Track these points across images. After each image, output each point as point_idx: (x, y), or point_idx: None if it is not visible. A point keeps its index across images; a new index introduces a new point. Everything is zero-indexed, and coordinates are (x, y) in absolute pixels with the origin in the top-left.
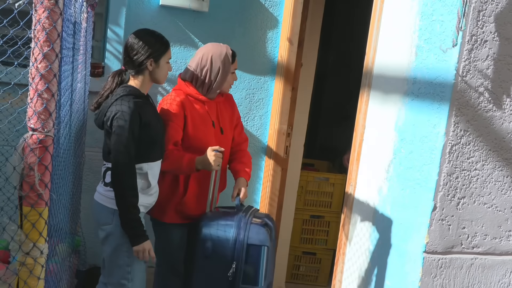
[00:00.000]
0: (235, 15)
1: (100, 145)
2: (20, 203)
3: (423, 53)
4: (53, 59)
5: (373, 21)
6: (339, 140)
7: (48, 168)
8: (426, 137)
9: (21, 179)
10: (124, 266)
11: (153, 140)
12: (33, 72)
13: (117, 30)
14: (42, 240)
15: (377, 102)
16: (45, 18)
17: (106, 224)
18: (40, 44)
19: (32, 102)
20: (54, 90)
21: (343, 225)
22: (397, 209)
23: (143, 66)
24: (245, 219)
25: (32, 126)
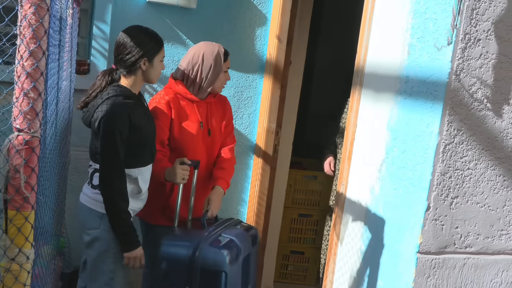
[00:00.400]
0: (223, 12)
1: (86, 144)
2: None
3: (416, 52)
4: (40, 56)
5: (364, 20)
6: (327, 138)
7: (35, 170)
8: (419, 136)
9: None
10: (108, 272)
11: (143, 143)
12: (19, 70)
13: (103, 27)
14: (28, 245)
15: (369, 100)
16: (31, 14)
17: (93, 229)
18: (26, 41)
19: (18, 101)
20: (41, 89)
21: (334, 225)
22: (389, 209)
23: (136, 66)
24: (205, 238)
25: (18, 126)
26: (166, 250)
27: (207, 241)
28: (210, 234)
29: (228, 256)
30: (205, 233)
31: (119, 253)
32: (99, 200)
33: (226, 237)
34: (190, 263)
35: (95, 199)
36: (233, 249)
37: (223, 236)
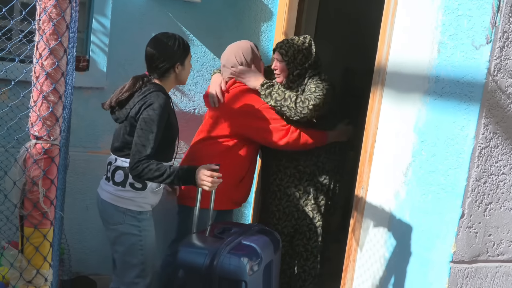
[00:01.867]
0: (229, 6)
1: (84, 144)
2: (21, 224)
3: (447, 50)
4: (61, 55)
5: (386, 15)
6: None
7: (54, 182)
8: (452, 140)
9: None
10: (138, 265)
11: (172, 141)
12: (38, 70)
13: (103, 20)
14: (46, 265)
15: (392, 101)
16: (52, 6)
17: (118, 224)
18: (46, 37)
19: (36, 105)
20: (62, 91)
21: (352, 230)
22: (417, 215)
23: (170, 71)
24: (225, 245)
25: (36, 133)
26: (183, 257)
27: (226, 248)
28: (229, 241)
29: (248, 264)
30: (224, 240)
31: (146, 245)
32: (122, 196)
33: (246, 244)
34: (208, 272)
35: (118, 195)
36: (253, 256)
37: (243, 243)
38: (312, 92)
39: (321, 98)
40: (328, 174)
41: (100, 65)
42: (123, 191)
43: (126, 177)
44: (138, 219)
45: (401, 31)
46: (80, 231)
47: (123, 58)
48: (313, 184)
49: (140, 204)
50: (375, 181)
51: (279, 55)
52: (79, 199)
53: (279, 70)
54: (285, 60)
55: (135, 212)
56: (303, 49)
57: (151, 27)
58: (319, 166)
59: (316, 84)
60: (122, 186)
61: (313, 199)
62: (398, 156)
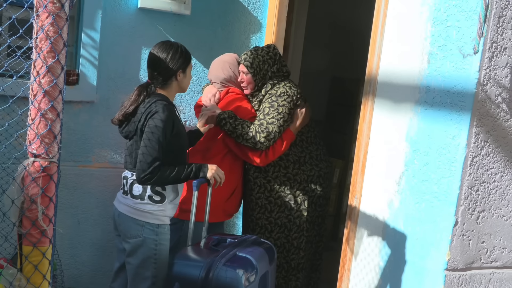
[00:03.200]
0: (218, 18)
1: (75, 158)
2: (20, 243)
3: (437, 61)
4: (59, 72)
5: (376, 26)
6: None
7: (53, 200)
8: (444, 149)
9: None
10: (150, 278)
11: (182, 148)
12: (35, 88)
13: (92, 34)
14: (45, 284)
15: (384, 110)
16: (49, 24)
17: (135, 237)
18: (43, 55)
19: (34, 123)
20: (60, 108)
21: (347, 240)
22: (411, 223)
23: (172, 78)
24: (220, 257)
25: (34, 151)
26: (179, 270)
27: (221, 260)
28: (225, 253)
29: (244, 276)
30: (219, 252)
31: (161, 258)
32: (140, 209)
33: (241, 255)
34: (204, 284)
35: (137, 208)
36: (249, 268)
37: (238, 254)
38: (265, 115)
39: (274, 122)
40: (301, 185)
41: (90, 79)
42: (142, 204)
43: (145, 191)
44: (156, 232)
45: (390, 42)
46: (72, 246)
47: (113, 71)
48: (284, 196)
49: (159, 217)
50: (368, 190)
51: (244, 67)
52: (70, 214)
53: (245, 82)
54: (251, 72)
55: (153, 225)
56: (268, 59)
57: (141, 40)
58: (289, 177)
59: (271, 102)
60: (141, 199)
61: (286, 210)
62: (390, 166)
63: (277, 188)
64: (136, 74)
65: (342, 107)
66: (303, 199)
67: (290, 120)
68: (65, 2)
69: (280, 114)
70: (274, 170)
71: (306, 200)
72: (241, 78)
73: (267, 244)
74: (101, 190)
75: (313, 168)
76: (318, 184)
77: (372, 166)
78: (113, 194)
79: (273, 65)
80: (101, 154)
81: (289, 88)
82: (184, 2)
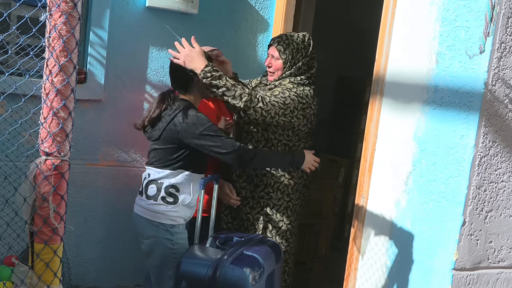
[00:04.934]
0: (225, 17)
1: (82, 156)
2: (31, 240)
3: (446, 61)
4: (71, 71)
5: (384, 26)
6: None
7: (64, 198)
8: (452, 149)
9: (32, 212)
10: (173, 276)
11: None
12: (48, 86)
13: (100, 33)
14: (56, 281)
15: (391, 110)
16: (62, 23)
17: (151, 238)
18: (56, 54)
19: (46, 122)
20: (71, 107)
21: (353, 239)
22: (418, 223)
23: (192, 83)
24: (227, 256)
25: (46, 150)
26: (186, 269)
27: (229, 259)
28: (232, 251)
29: (251, 274)
30: (226, 251)
31: (180, 256)
32: (154, 210)
33: (248, 254)
34: (211, 283)
35: (150, 209)
36: (256, 267)
37: (245, 253)
38: (272, 94)
39: (275, 105)
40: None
41: (98, 78)
42: (155, 205)
43: (159, 191)
44: (171, 232)
45: (398, 42)
46: (79, 244)
47: (120, 70)
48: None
49: (173, 218)
50: (375, 190)
51: (275, 51)
52: (77, 212)
53: (274, 67)
54: (282, 58)
55: (167, 226)
56: (302, 48)
57: (148, 38)
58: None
59: (284, 90)
60: (154, 200)
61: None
62: (398, 165)
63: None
64: (144, 73)
65: (348, 106)
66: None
67: (289, 119)
68: (77, 2)
69: (284, 105)
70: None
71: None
72: (269, 62)
73: (274, 243)
74: (108, 188)
75: (284, 174)
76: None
77: (379, 165)
78: (120, 193)
79: (305, 56)
80: (108, 153)
81: (307, 95)
82: (192, 1)
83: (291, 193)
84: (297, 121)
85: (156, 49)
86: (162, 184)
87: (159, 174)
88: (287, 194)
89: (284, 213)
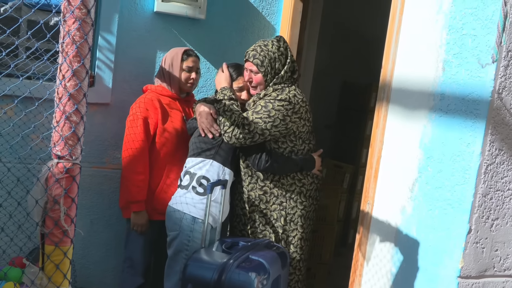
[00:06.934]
0: (232, 23)
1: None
2: (42, 242)
3: (452, 68)
4: (83, 76)
5: (391, 33)
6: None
7: (75, 200)
8: (458, 156)
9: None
10: (179, 272)
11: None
12: (61, 91)
13: (109, 37)
14: (66, 283)
15: (397, 117)
16: (75, 29)
17: (174, 230)
18: (69, 60)
19: (58, 125)
20: (84, 111)
21: (359, 245)
22: (424, 230)
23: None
24: (233, 260)
25: (58, 153)
26: (192, 272)
27: (234, 263)
28: (237, 255)
29: (257, 279)
30: (232, 255)
31: (191, 254)
32: (182, 200)
33: (254, 259)
34: (216, 287)
35: (179, 199)
36: (261, 271)
37: (251, 258)
38: (254, 112)
39: (259, 123)
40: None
41: (106, 81)
42: (184, 194)
43: (191, 181)
44: (191, 228)
45: (405, 49)
46: (84, 246)
47: (128, 74)
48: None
49: (198, 210)
50: (381, 196)
51: (253, 65)
52: (83, 214)
53: (255, 82)
54: (261, 71)
55: (190, 220)
56: (279, 55)
57: (156, 43)
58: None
59: (266, 102)
60: (186, 189)
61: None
62: (404, 172)
63: (253, 200)
64: (151, 77)
65: (353, 112)
66: (279, 216)
67: (283, 127)
68: (91, 8)
69: (270, 118)
70: (250, 181)
71: (283, 217)
72: (249, 77)
73: (280, 248)
74: (114, 191)
75: (294, 183)
76: (299, 201)
77: (385, 172)
78: None
79: (285, 63)
80: (115, 156)
81: (293, 96)
82: (199, 7)
83: (304, 201)
84: (294, 125)
85: (163, 54)
86: (195, 175)
87: (193, 163)
88: (300, 202)
89: (298, 222)
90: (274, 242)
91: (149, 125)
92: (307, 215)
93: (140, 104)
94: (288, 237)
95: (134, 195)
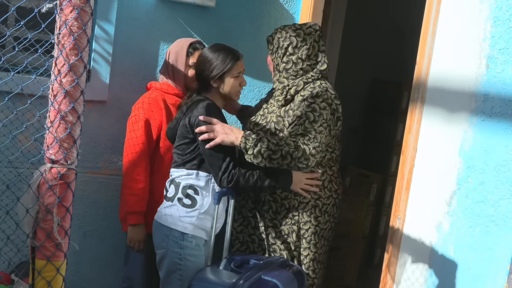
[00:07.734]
0: (245, 11)
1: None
2: (33, 256)
3: (497, 66)
4: (81, 71)
5: (427, 25)
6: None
7: (69, 210)
8: (504, 166)
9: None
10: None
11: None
12: (56, 88)
13: (106, 27)
14: None
15: (433, 120)
16: (73, 19)
17: (161, 248)
18: (66, 53)
19: (52, 126)
20: (81, 110)
21: (387, 266)
22: (463, 250)
23: (209, 86)
24: (243, 281)
25: (52, 157)
26: None
27: (245, 284)
28: (248, 276)
29: None
30: (243, 275)
31: (186, 277)
32: (167, 213)
33: (267, 279)
34: None
35: (165, 212)
36: None
37: (263, 278)
38: (312, 122)
39: (323, 131)
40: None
41: (102, 76)
42: (170, 207)
43: (176, 192)
44: (180, 245)
45: (443, 43)
46: (77, 261)
47: (127, 68)
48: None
49: (185, 224)
50: (413, 211)
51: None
52: (76, 226)
53: (268, 62)
54: (269, 49)
55: (177, 237)
56: (295, 36)
57: (159, 34)
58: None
59: (311, 105)
60: (171, 201)
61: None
62: (440, 183)
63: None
64: (153, 72)
65: (382, 114)
66: (291, 231)
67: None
68: None
69: (326, 122)
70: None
71: (294, 232)
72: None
73: (297, 267)
74: (110, 200)
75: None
76: (313, 216)
77: (418, 183)
78: None
79: (301, 46)
80: (111, 160)
81: (326, 90)
82: None
83: (318, 216)
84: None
85: (167, 46)
86: (180, 184)
87: (177, 174)
88: (315, 217)
89: (311, 240)
90: (289, 261)
91: (151, 127)
92: (321, 233)
93: (143, 104)
94: (300, 255)
95: (131, 205)
